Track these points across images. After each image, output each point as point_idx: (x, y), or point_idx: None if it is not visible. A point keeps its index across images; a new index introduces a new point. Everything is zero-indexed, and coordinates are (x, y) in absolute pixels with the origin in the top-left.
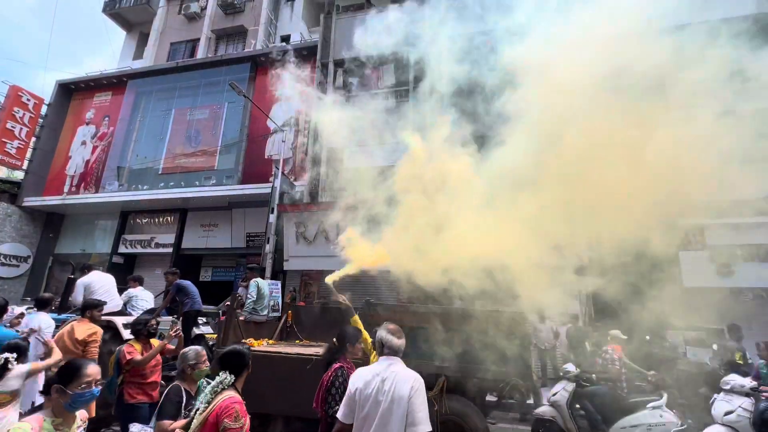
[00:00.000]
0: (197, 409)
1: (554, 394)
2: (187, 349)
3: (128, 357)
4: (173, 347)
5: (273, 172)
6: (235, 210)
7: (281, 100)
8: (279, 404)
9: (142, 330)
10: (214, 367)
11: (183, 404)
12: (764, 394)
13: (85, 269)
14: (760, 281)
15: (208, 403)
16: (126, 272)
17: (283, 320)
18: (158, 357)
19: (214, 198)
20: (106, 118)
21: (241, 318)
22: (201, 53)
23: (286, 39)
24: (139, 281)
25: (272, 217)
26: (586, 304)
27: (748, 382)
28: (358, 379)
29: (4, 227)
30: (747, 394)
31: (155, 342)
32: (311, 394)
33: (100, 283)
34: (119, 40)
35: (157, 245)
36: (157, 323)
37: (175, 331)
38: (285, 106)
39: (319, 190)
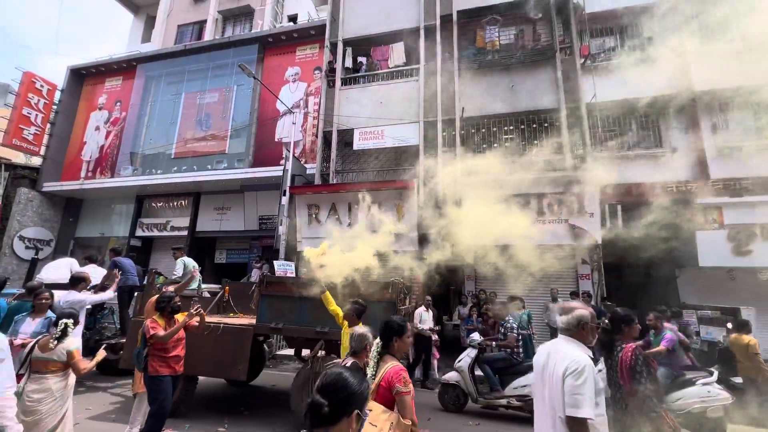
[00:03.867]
0: (371, 376)
1: (459, 361)
2: (365, 330)
3: (151, 332)
4: (197, 324)
5: (284, 155)
6: (248, 193)
7: (290, 81)
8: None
9: (166, 306)
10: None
11: None
12: None
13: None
14: None
15: (375, 370)
16: (144, 255)
17: (219, 295)
18: (181, 332)
19: (226, 181)
20: (118, 103)
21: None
22: (208, 35)
23: (293, 18)
24: (90, 259)
25: (284, 200)
26: (599, 283)
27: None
28: (537, 354)
29: (26, 212)
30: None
31: (179, 317)
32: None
33: (54, 264)
34: (127, 23)
35: (173, 228)
36: (170, 299)
37: (197, 309)
38: (294, 87)
39: (330, 172)
